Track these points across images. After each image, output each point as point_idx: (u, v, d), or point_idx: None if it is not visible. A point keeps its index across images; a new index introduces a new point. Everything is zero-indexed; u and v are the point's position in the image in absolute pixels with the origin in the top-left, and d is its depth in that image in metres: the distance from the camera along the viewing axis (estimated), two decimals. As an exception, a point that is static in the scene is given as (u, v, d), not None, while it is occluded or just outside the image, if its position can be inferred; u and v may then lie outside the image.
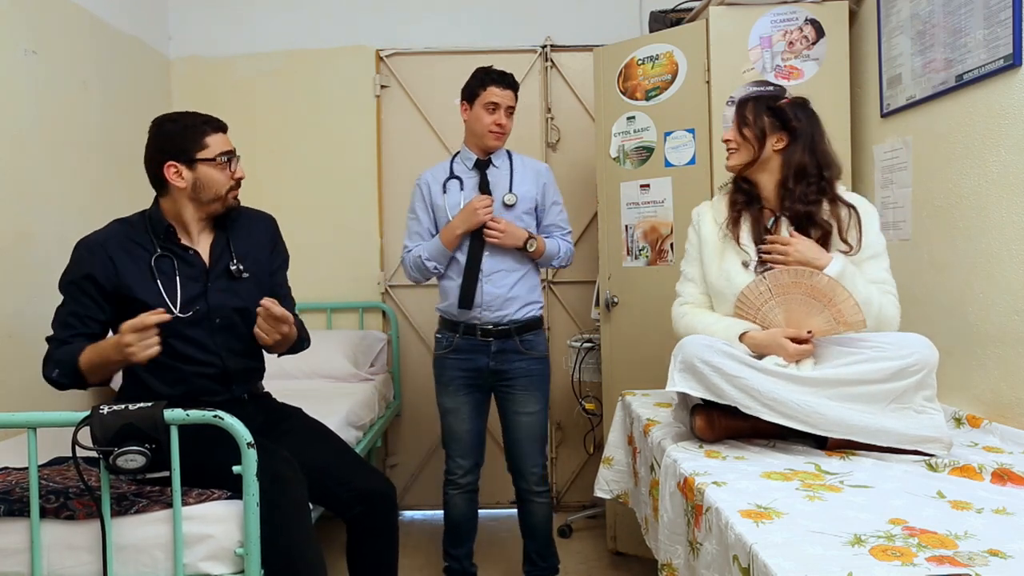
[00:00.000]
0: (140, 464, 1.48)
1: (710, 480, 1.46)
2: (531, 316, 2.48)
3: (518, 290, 2.44)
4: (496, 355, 2.44)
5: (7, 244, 2.38)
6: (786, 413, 1.64)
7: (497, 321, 2.42)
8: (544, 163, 2.63)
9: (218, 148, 1.83)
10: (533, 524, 2.57)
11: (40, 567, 1.54)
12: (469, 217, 2.36)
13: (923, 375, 1.63)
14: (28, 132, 2.50)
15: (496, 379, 2.47)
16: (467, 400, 2.49)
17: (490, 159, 2.51)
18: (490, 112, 2.43)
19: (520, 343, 2.45)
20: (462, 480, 2.52)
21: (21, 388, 2.41)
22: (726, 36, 2.61)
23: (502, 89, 2.44)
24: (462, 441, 2.51)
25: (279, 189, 3.52)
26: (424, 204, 2.52)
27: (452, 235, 2.39)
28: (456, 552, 2.59)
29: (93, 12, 2.89)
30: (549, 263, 2.53)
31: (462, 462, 2.52)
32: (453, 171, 2.52)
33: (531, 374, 2.47)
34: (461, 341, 2.46)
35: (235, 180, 1.88)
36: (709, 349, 1.68)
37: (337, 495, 1.90)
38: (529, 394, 2.47)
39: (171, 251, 1.85)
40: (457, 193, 2.46)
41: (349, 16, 3.55)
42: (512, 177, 2.48)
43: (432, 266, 2.45)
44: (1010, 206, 1.87)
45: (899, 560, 1.07)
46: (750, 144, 1.88)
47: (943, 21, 2.08)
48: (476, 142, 2.50)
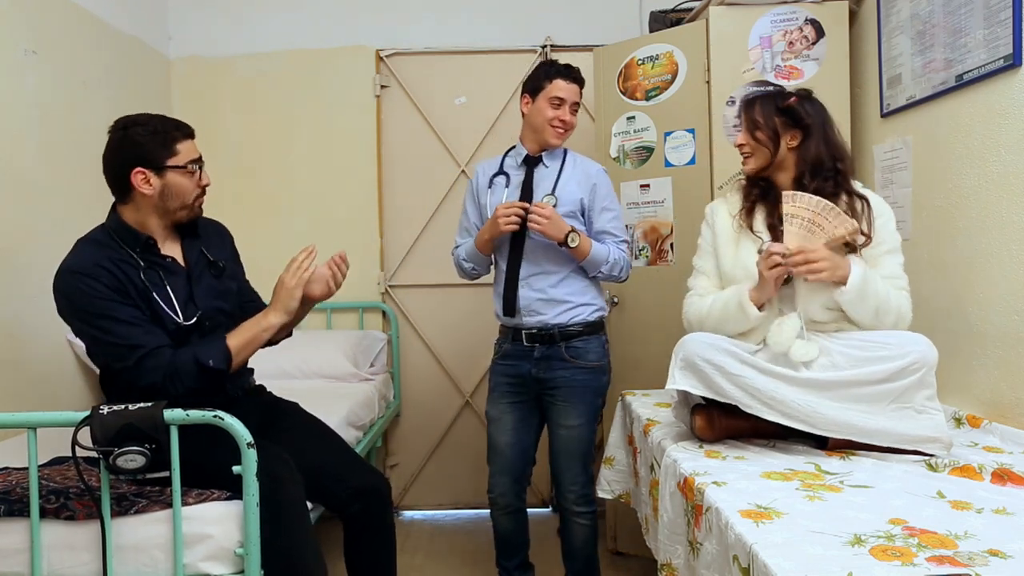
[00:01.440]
0: (140, 464, 1.47)
1: (710, 480, 1.46)
2: (580, 321, 2.26)
3: (559, 293, 2.25)
4: (539, 362, 2.27)
5: (7, 244, 2.38)
6: (786, 412, 1.64)
7: (539, 326, 2.26)
8: (599, 165, 2.40)
9: (188, 155, 1.76)
10: (572, 546, 2.38)
11: (40, 567, 1.54)
12: (492, 224, 2.21)
13: (923, 374, 1.63)
14: (28, 132, 2.50)
15: (540, 387, 2.30)
16: (510, 410, 2.33)
17: (541, 157, 2.32)
18: (554, 107, 2.25)
19: (565, 350, 2.25)
20: (500, 500, 2.36)
21: (21, 388, 2.41)
22: (726, 36, 2.61)
23: (568, 83, 2.25)
24: (503, 455, 2.34)
25: (279, 189, 3.52)
26: (473, 198, 2.41)
27: (481, 239, 2.29)
28: (508, 564, 2.46)
29: (93, 12, 2.89)
30: (597, 269, 2.26)
31: (500, 479, 2.35)
32: (503, 166, 2.38)
33: (574, 385, 2.25)
34: (510, 347, 2.34)
35: (201, 187, 1.82)
36: (710, 347, 1.68)
37: (334, 493, 1.90)
38: (569, 406, 2.26)
39: (152, 262, 1.77)
40: (501, 190, 2.33)
41: (349, 16, 3.55)
42: (559, 178, 2.30)
43: (469, 267, 2.38)
44: (1010, 206, 1.87)
45: (899, 560, 1.07)
46: (765, 147, 1.85)
47: (943, 21, 2.08)
48: (534, 137, 2.31)
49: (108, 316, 1.66)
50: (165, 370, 1.67)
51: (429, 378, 3.63)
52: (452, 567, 2.90)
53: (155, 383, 1.66)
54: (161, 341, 1.70)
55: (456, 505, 3.62)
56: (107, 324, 1.66)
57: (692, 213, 2.65)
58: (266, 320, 1.80)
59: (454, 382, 3.61)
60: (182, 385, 1.68)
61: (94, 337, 1.70)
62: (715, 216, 1.99)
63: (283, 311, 1.81)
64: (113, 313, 1.66)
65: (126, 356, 1.66)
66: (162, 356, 1.67)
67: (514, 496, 2.36)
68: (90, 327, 1.68)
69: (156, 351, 1.67)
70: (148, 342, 1.67)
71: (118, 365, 1.68)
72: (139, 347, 1.66)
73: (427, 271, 3.58)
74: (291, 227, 3.51)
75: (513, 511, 2.37)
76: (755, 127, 1.87)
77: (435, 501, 3.63)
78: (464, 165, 3.55)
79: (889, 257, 1.83)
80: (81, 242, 1.77)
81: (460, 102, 3.56)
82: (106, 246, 1.73)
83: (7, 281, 2.37)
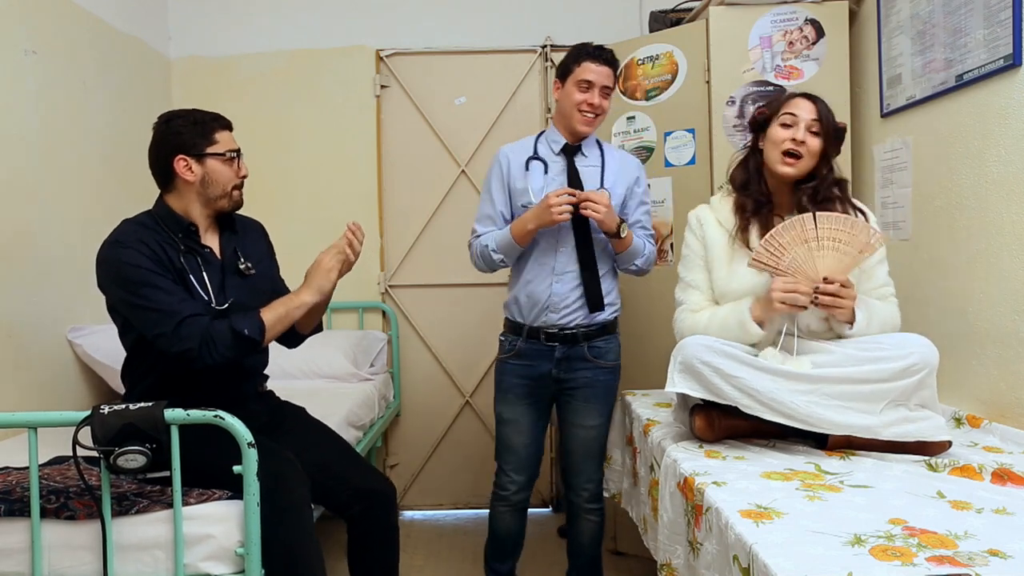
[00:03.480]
0: (141, 464, 1.48)
1: (710, 480, 1.46)
2: (602, 320, 2.22)
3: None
4: (560, 362, 2.21)
5: (7, 244, 2.38)
6: (786, 413, 1.64)
7: (564, 325, 2.19)
8: (636, 158, 2.37)
9: (226, 144, 1.86)
10: (581, 543, 2.38)
11: (40, 567, 1.54)
12: (542, 214, 2.06)
13: (923, 375, 1.63)
14: (28, 132, 2.50)
15: (558, 387, 2.25)
16: (526, 411, 2.26)
17: (580, 146, 2.22)
18: (583, 90, 2.13)
19: (588, 350, 2.21)
20: (514, 497, 2.30)
21: (21, 388, 2.41)
22: (726, 36, 2.61)
23: (598, 65, 2.13)
24: (519, 455, 2.28)
25: (279, 189, 3.52)
26: (501, 183, 2.23)
27: (523, 230, 2.12)
28: (499, 567, 2.41)
29: (93, 12, 2.89)
30: (632, 261, 2.22)
31: (516, 477, 2.29)
32: (537, 151, 2.24)
33: (595, 385, 2.23)
34: (524, 345, 2.23)
35: (240, 178, 1.89)
36: (708, 350, 1.68)
37: (338, 494, 1.91)
38: (591, 406, 2.24)
39: (192, 249, 1.85)
40: (541, 177, 2.19)
41: (349, 16, 3.55)
42: (604, 171, 2.21)
43: (499, 259, 2.20)
44: (1010, 206, 1.87)
45: (899, 560, 1.07)
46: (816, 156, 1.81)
47: (943, 21, 2.08)
48: (565, 123, 2.20)
49: (149, 284, 1.72)
50: (202, 336, 1.70)
51: (429, 378, 3.63)
52: (452, 567, 2.90)
53: (191, 348, 1.69)
54: (197, 309, 1.75)
55: (456, 505, 3.63)
56: (147, 292, 1.72)
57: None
58: (299, 298, 1.85)
59: (454, 382, 3.61)
60: (217, 352, 1.72)
61: (133, 305, 1.74)
62: (704, 227, 1.93)
63: (317, 291, 1.85)
64: (154, 281, 1.72)
65: (164, 322, 1.70)
66: (199, 323, 1.71)
67: (525, 493, 2.33)
68: (131, 294, 1.73)
69: (193, 318, 1.71)
70: (185, 309, 1.72)
71: (155, 331, 1.71)
72: (177, 312, 1.70)
73: (427, 271, 3.58)
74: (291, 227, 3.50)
75: (522, 508, 2.35)
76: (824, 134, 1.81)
77: (435, 501, 3.63)
78: (464, 165, 3.55)
79: (880, 267, 1.86)
80: (126, 221, 1.85)
81: (460, 102, 3.56)
82: (150, 228, 1.82)
83: (7, 281, 2.37)
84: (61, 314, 2.61)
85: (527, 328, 2.22)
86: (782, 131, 1.82)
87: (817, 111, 1.81)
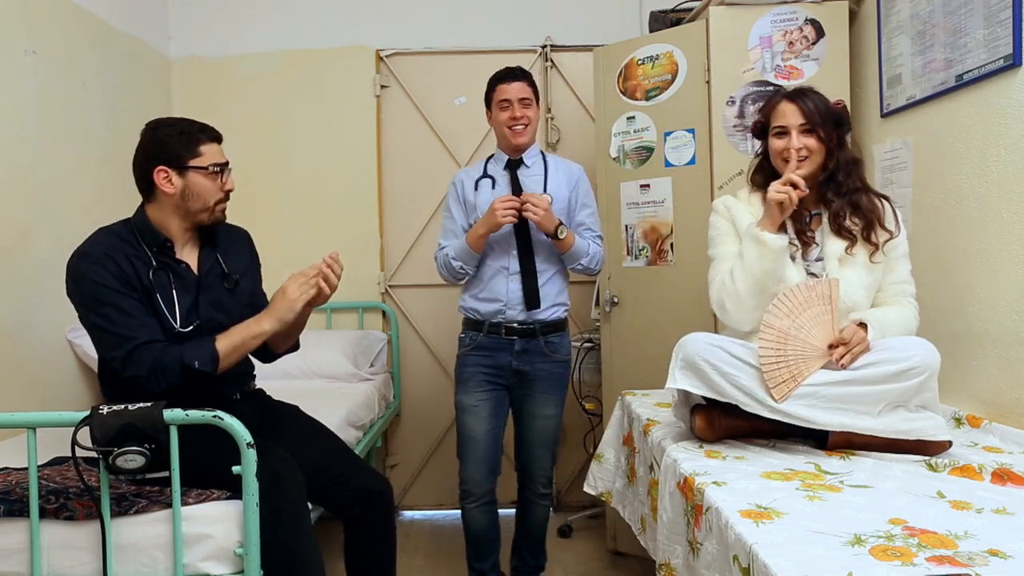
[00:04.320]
0: (140, 464, 1.48)
1: (710, 480, 1.46)
2: (557, 317, 2.42)
3: (546, 290, 2.38)
4: (519, 355, 2.39)
5: (7, 244, 2.38)
6: (784, 411, 1.64)
7: (524, 320, 2.38)
8: (579, 164, 2.55)
9: (211, 158, 1.79)
10: (532, 525, 2.55)
11: (40, 567, 1.54)
12: (489, 217, 2.28)
13: (924, 378, 1.63)
14: (28, 132, 2.50)
15: (516, 379, 2.42)
16: (486, 397, 2.41)
17: (522, 159, 2.45)
18: (504, 109, 2.38)
19: (544, 344, 2.40)
20: (476, 490, 2.41)
21: (21, 388, 2.41)
22: (726, 36, 2.61)
23: (509, 83, 2.38)
24: (479, 444, 2.39)
25: (279, 189, 3.52)
26: (458, 202, 2.47)
27: (475, 236, 2.33)
28: (481, 566, 2.51)
29: (93, 12, 2.89)
30: (577, 261, 2.40)
31: (478, 469, 2.40)
32: (487, 170, 2.48)
33: (552, 377, 2.42)
34: (485, 339, 2.41)
35: (224, 192, 1.83)
36: (710, 347, 1.69)
37: (335, 494, 1.90)
38: (548, 396, 2.42)
39: (165, 265, 1.79)
40: (489, 191, 2.42)
41: (349, 16, 3.55)
42: (546, 178, 2.44)
43: (458, 266, 2.39)
44: (1010, 206, 1.87)
45: (899, 560, 1.07)
46: (824, 146, 1.82)
47: (943, 21, 2.08)
48: (504, 143, 2.46)
49: (109, 303, 1.68)
50: (152, 364, 1.66)
51: (429, 378, 3.63)
52: (452, 567, 2.90)
53: (139, 375, 1.65)
54: (154, 336, 1.70)
55: (456, 505, 3.59)
56: (107, 311, 1.68)
57: (692, 213, 2.65)
58: (259, 327, 1.76)
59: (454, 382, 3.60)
60: (165, 382, 1.67)
61: (93, 324, 1.71)
62: (734, 211, 1.93)
63: (278, 320, 1.76)
64: (115, 301, 1.68)
65: (118, 345, 1.66)
66: (152, 350, 1.67)
67: (490, 486, 2.43)
68: (91, 312, 1.70)
69: (148, 344, 1.67)
70: (141, 335, 1.67)
71: (110, 354, 1.69)
72: (132, 338, 1.66)
73: (427, 271, 3.57)
74: (291, 227, 3.51)
75: (488, 503, 2.44)
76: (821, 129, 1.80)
77: (435, 501, 3.63)
78: (464, 165, 3.55)
79: (903, 261, 1.86)
80: (101, 231, 1.79)
81: (460, 102, 3.56)
82: (124, 239, 1.76)
83: (7, 281, 2.37)
84: (61, 314, 2.61)
85: (487, 324, 2.40)
86: (777, 142, 1.85)
87: (802, 112, 1.81)
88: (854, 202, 1.82)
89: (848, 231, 1.81)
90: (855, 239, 1.81)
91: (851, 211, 1.82)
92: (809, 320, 1.69)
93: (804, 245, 1.84)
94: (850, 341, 1.68)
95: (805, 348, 1.67)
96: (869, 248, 1.81)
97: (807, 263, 1.84)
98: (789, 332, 1.67)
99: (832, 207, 1.83)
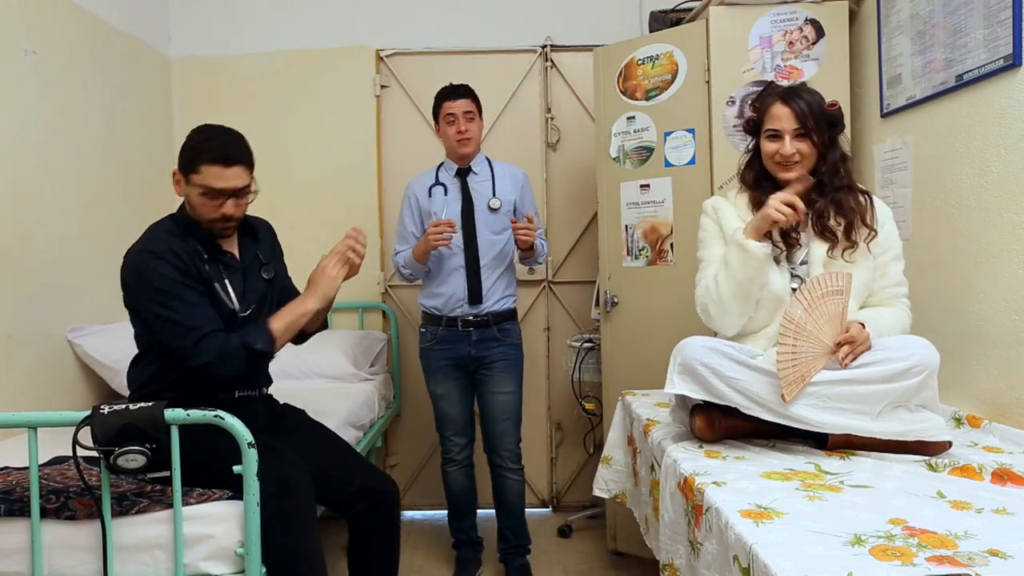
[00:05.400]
0: (140, 464, 1.48)
1: (710, 480, 1.46)
2: (507, 308, 2.74)
3: (496, 286, 2.69)
4: (476, 343, 2.68)
5: (7, 244, 2.38)
6: (784, 414, 1.64)
7: (477, 313, 2.67)
8: (521, 169, 2.84)
9: (208, 180, 1.78)
10: (507, 500, 2.77)
11: (40, 567, 1.54)
12: (425, 241, 2.56)
13: (924, 376, 1.63)
14: (28, 132, 2.50)
15: (477, 364, 2.71)
16: (454, 385, 2.74)
17: (470, 167, 2.73)
18: (450, 123, 2.66)
19: (498, 331, 2.70)
20: (459, 456, 2.78)
21: (21, 388, 2.41)
22: (726, 36, 2.61)
23: (454, 100, 2.65)
24: (456, 421, 2.76)
25: (279, 189, 3.51)
26: (411, 210, 2.77)
27: (418, 252, 2.63)
28: (461, 524, 2.85)
29: (93, 12, 2.89)
30: (535, 260, 2.75)
31: (457, 439, 2.77)
32: (438, 178, 2.75)
33: (508, 358, 2.72)
34: (445, 332, 2.70)
35: (220, 215, 1.83)
36: (708, 351, 1.68)
37: (340, 493, 1.91)
38: (506, 376, 2.72)
39: (214, 255, 1.88)
40: (441, 198, 2.71)
41: (349, 16, 3.55)
42: (494, 183, 2.72)
43: (408, 273, 2.73)
44: (1010, 206, 1.87)
45: (899, 560, 1.07)
46: (814, 153, 1.81)
47: (943, 21, 2.08)
48: (452, 153, 2.74)
49: (177, 296, 1.75)
50: (218, 351, 1.74)
51: (429, 378, 3.62)
52: (452, 567, 2.90)
53: (210, 362, 1.74)
54: (217, 325, 1.78)
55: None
56: (176, 304, 1.75)
57: (692, 213, 2.64)
58: (304, 306, 1.87)
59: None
60: (231, 367, 1.76)
61: (158, 315, 1.76)
62: (720, 213, 1.93)
63: (322, 297, 1.88)
64: (181, 294, 1.76)
65: (186, 335, 1.74)
66: (217, 338, 1.76)
67: (469, 451, 2.80)
68: (159, 305, 1.75)
69: (212, 334, 1.76)
70: (206, 325, 1.76)
71: (175, 343, 1.75)
72: (198, 328, 1.74)
73: (427, 271, 3.58)
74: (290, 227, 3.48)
75: (466, 465, 2.80)
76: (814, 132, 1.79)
77: (435, 501, 3.61)
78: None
79: (895, 263, 1.85)
80: (152, 228, 1.87)
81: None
82: (175, 235, 1.84)
83: (7, 281, 2.37)
84: (61, 314, 2.61)
85: (445, 319, 2.68)
86: (770, 145, 1.83)
87: (796, 116, 1.78)
88: (837, 201, 1.80)
89: (832, 232, 1.80)
90: (837, 239, 1.80)
91: (835, 210, 1.80)
92: (823, 315, 1.68)
93: (789, 247, 1.83)
94: (856, 339, 1.68)
95: (815, 345, 1.67)
96: (848, 246, 1.79)
97: (792, 266, 1.84)
98: (804, 327, 1.66)
99: (816, 207, 1.81)
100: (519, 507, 2.80)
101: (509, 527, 2.79)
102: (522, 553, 2.80)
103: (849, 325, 1.70)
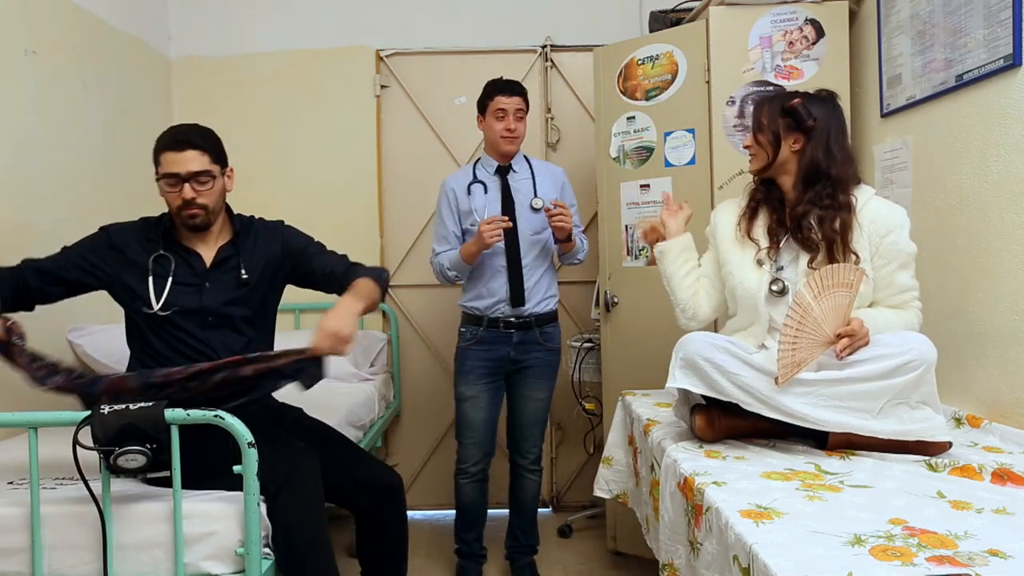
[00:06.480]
0: (141, 464, 1.48)
1: (710, 480, 1.46)
2: (549, 309, 2.67)
3: (538, 286, 2.62)
4: (517, 346, 2.61)
5: (7, 243, 2.37)
6: (784, 411, 1.64)
7: (519, 314, 2.59)
8: (559, 167, 2.79)
9: (166, 167, 1.85)
10: (523, 499, 2.76)
11: (41, 567, 1.54)
12: (478, 240, 2.47)
13: (921, 371, 1.62)
14: (28, 132, 2.50)
15: (514, 367, 2.65)
16: (485, 388, 2.64)
17: (510, 165, 2.65)
18: (499, 119, 2.59)
19: (540, 335, 2.63)
20: (473, 469, 2.67)
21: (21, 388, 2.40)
22: (726, 36, 2.61)
23: (508, 96, 2.58)
24: (478, 430, 2.65)
25: (279, 189, 3.52)
26: (450, 208, 2.66)
27: (468, 253, 2.53)
28: (467, 536, 2.77)
29: (93, 12, 2.89)
30: (575, 257, 2.70)
31: (474, 451, 2.66)
32: (476, 176, 2.66)
33: (545, 364, 2.67)
34: (485, 333, 2.61)
35: (183, 200, 1.86)
36: (711, 346, 1.68)
37: (345, 488, 1.91)
38: (542, 382, 2.67)
39: (173, 251, 1.90)
40: (482, 196, 2.62)
41: (349, 16, 3.55)
42: (535, 182, 2.65)
43: (453, 275, 2.62)
44: (1010, 206, 1.87)
45: (899, 560, 1.07)
46: (764, 149, 1.86)
47: (943, 21, 2.08)
48: (493, 149, 2.65)
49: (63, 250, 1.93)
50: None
51: (429, 378, 3.62)
52: (452, 567, 2.90)
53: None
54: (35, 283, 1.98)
55: (456, 505, 3.62)
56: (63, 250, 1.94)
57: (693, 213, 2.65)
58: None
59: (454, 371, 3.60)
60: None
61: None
62: (717, 222, 2.00)
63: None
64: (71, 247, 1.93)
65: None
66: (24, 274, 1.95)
67: (484, 466, 2.70)
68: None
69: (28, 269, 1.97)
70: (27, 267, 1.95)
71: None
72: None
73: (427, 271, 3.53)
74: (291, 227, 3.51)
75: (480, 480, 2.70)
76: (758, 128, 1.87)
77: (435, 501, 3.62)
78: (464, 164, 3.54)
79: (901, 272, 1.80)
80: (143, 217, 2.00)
81: (460, 102, 3.56)
82: (149, 224, 1.95)
83: (7, 281, 2.36)
84: (61, 314, 2.59)
85: (486, 319, 2.60)
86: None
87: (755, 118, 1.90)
88: (820, 217, 1.77)
89: (813, 244, 1.79)
90: (819, 251, 1.79)
91: (817, 224, 1.78)
92: (830, 305, 1.67)
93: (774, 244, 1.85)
94: (856, 333, 1.67)
95: (817, 332, 1.66)
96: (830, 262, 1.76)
97: (776, 266, 1.85)
98: (811, 312, 1.66)
99: (797, 210, 1.81)
100: (533, 507, 2.79)
101: (520, 526, 2.78)
102: (529, 553, 2.80)
103: (851, 319, 1.70)
